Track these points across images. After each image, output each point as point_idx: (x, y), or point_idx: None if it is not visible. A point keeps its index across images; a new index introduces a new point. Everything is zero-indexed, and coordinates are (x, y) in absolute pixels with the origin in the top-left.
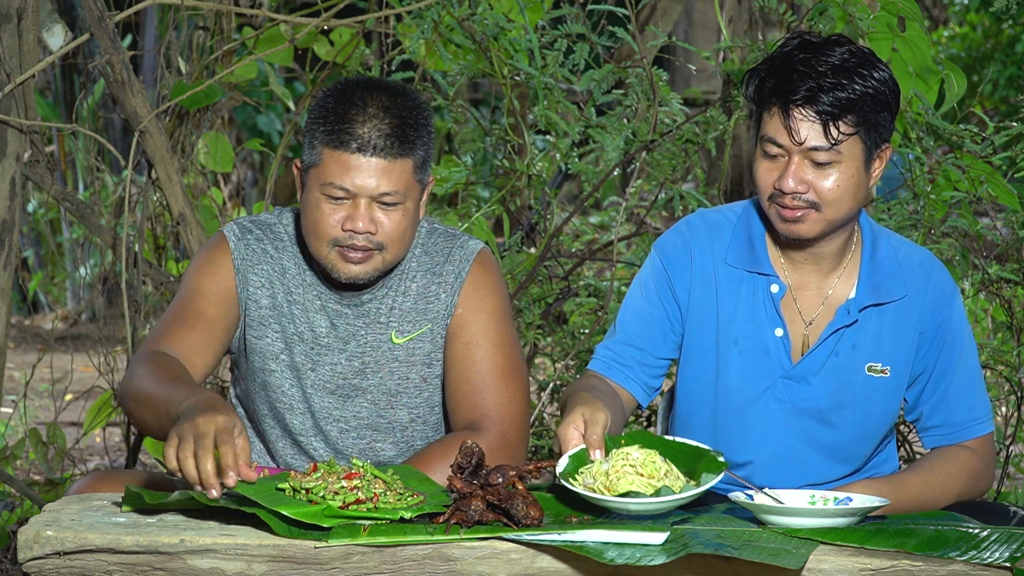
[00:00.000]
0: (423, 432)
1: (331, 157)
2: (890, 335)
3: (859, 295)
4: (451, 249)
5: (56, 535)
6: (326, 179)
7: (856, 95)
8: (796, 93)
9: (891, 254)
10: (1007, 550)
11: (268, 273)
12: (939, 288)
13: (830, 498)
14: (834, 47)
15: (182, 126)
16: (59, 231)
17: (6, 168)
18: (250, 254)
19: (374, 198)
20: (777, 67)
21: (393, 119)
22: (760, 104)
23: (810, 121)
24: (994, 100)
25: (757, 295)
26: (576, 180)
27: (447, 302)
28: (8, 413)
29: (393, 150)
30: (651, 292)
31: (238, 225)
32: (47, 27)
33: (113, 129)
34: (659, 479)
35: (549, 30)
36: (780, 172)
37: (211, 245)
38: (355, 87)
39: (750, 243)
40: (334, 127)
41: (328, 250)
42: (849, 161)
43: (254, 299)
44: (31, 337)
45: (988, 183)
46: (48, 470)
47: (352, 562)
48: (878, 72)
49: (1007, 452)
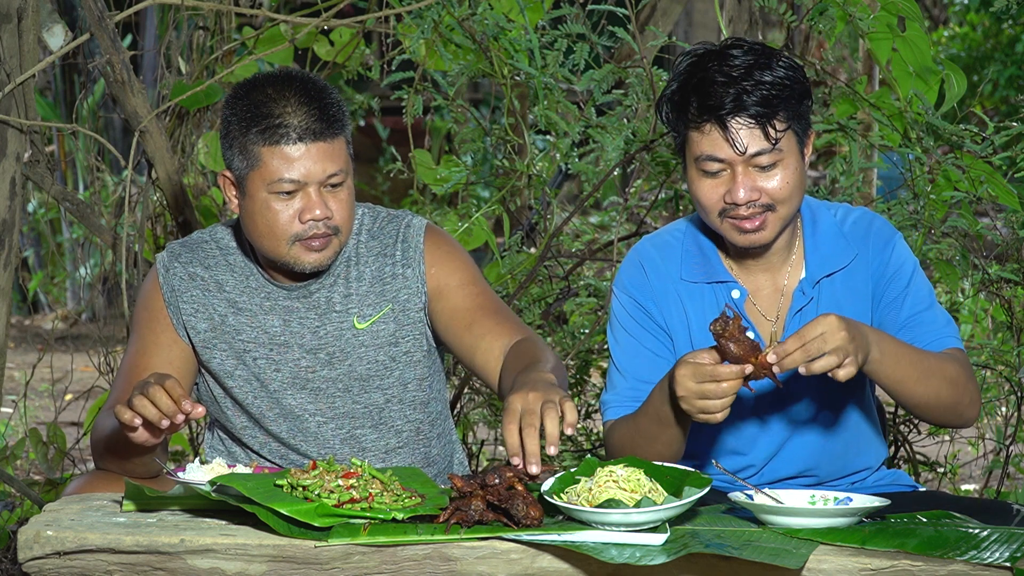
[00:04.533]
0: (400, 411)
1: (272, 154)
2: (847, 296)
3: (809, 273)
4: (398, 229)
5: (56, 535)
6: (272, 177)
7: (777, 88)
8: (723, 106)
9: (831, 224)
10: (1007, 550)
11: (199, 297)
12: (878, 234)
13: (830, 498)
14: (733, 50)
15: (182, 126)
16: (59, 231)
17: (6, 168)
18: (177, 283)
19: (322, 183)
20: (694, 85)
21: (315, 102)
22: (687, 125)
23: (748, 128)
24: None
25: (720, 303)
26: (576, 180)
27: (413, 276)
28: (8, 413)
29: (329, 131)
30: (634, 327)
31: (168, 252)
32: (47, 27)
33: (113, 129)
34: (642, 494)
35: (549, 30)
36: (726, 186)
37: (145, 286)
38: (263, 84)
39: (702, 255)
40: (266, 124)
41: (288, 247)
42: (789, 156)
43: (191, 326)
44: (31, 337)
45: (988, 183)
46: (48, 470)
47: (352, 562)
48: (783, 60)
49: (1007, 452)
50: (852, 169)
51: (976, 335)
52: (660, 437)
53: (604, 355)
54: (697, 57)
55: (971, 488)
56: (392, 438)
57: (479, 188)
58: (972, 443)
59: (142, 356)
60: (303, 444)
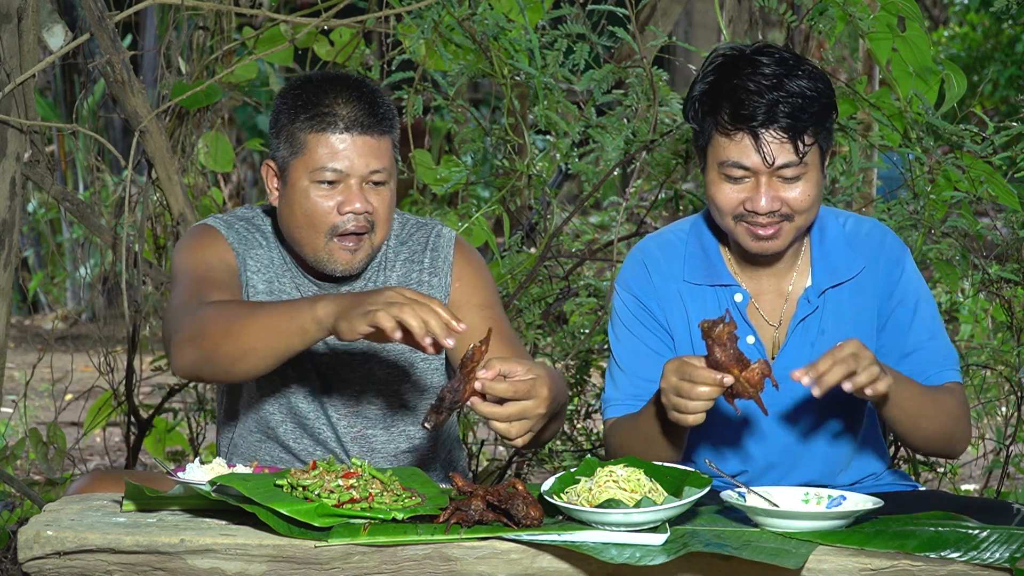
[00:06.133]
0: (414, 418)
1: (318, 142)
2: (852, 310)
3: (816, 282)
4: (428, 237)
5: (56, 535)
6: (316, 164)
7: (807, 101)
8: (756, 117)
9: (840, 233)
10: (1007, 550)
11: (261, 258)
12: (890, 252)
13: (823, 496)
14: (762, 56)
15: (182, 126)
16: (59, 231)
17: (6, 168)
18: (243, 240)
19: (364, 177)
20: (728, 91)
21: (366, 98)
22: (716, 129)
23: (779, 142)
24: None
25: (722, 306)
26: (576, 180)
27: (439, 285)
28: (8, 413)
29: (377, 127)
30: (635, 325)
31: (218, 218)
32: (47, 27)
33: (113, 129)
34: (642, 494)
35: (549, 30)
36: (748, 193)
37: (197, 233)
38: (318, 80)
39: (705, 257)
40: (316, 111)
41: (325, 241)
42: (812, 169)
43: (252, 284)
44: (31, 337)
45: (988, 183)
46: (48, 470)
47: (352, 562)
48: (812, 70)
49: (1007, 452)
50: (852, 169)
51: (976, 335)
52: (658, 440)
53: (604, 355)
54: (727, 59)
55: (971, 488)
56: (403, 442)
57: (479, 188)
58: (972, 443)
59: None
60: (322, 430)
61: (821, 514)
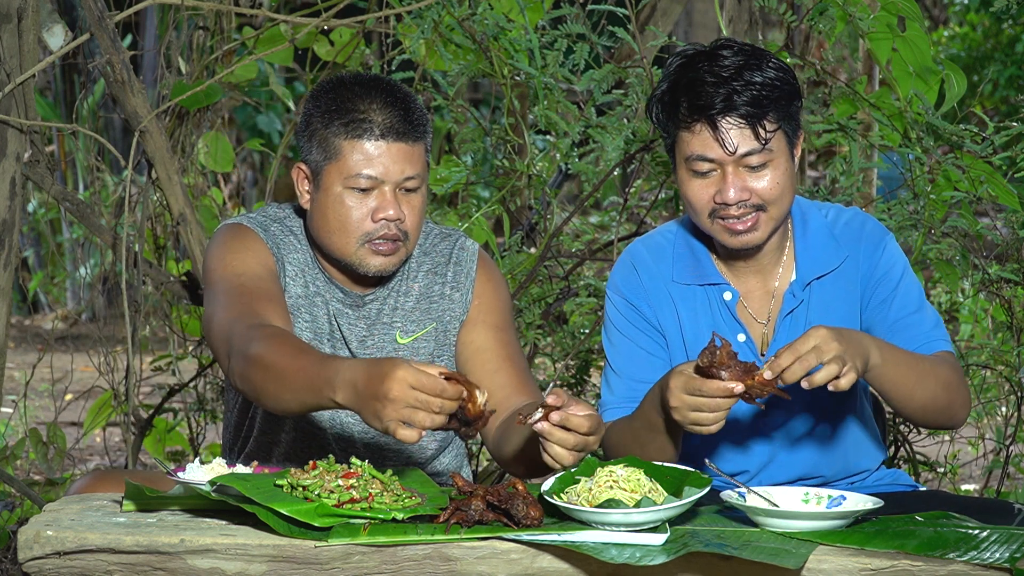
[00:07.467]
0: (428, 433)
1: (353, 147)
2: (837, 300)
3: (800, 275)
4: (451, 250)
5: (56, 535)
6: (351, 171)
7: (767, 89)
8: (714, 105)
9: (822, 224)
10: (1007, 550)
11: (297, 262)
12: (870, 236)
13: (823, 496)
14: (723, 50)
15: (182, 126)
16: (59, 231)
17: (6, 168)
18: (280, 242)
19: (398, 184)
20: (684, 85)
21: (400, 104)
22: (677, 125)
23: (738, 128)
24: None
25: (713, 305)
26: (576, 180)
27: (460, 300)
28: (8, 413)
29: (412, 134)
30: (627, 328)
31: (250, 219)
32: (47, 27)
33: (113, 129)
34: (642, 494)
35: (549, 30)
36: (716, 186)
37: (233, 234)
38: (350, 83)
39: (694, 257)
40: (351, 118)
41: (357, 246)
42: (779, 156)
43: (287, 289)
44: (31, 337)
45: (988, 183)
46: (48, 470)
47: (352, 562)
48: (772, 61)
49: (1007, 452)
50: (852, 169)
51: (976, 335)
52: (653, 443)
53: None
54: (687, 58)
55: (971, 488)
56: (415, 451)
57: (479, 188)
58: (972, 443)
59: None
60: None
61: (821, 514)
